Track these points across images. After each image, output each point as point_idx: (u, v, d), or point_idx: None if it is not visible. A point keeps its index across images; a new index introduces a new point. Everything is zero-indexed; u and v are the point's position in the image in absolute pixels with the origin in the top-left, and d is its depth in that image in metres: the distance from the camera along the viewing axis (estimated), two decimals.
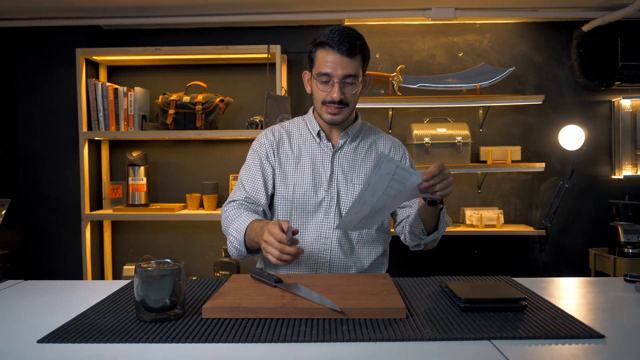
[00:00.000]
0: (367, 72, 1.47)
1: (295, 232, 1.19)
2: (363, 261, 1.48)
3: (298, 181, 1.46)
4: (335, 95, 1.37)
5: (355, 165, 1.49)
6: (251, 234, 1.31)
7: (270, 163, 1.49)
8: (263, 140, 1.52)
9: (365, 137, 1.54)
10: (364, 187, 1.07)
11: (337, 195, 1.45)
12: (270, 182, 1.48)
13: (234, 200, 1.46)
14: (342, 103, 1.39)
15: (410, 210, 1.50)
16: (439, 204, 1.31)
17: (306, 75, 1.49)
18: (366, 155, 1.51)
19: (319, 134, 1.50)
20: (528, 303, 1.05)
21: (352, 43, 1.35)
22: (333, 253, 1.44)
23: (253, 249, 1.37)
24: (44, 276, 2.96)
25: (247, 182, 1.48)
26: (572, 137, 2.81)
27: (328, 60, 1.36)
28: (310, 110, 1.54)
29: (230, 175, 2.92)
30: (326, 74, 1.37)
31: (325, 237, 1.44)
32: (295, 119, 1.59)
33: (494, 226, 2.80)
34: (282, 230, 1.16)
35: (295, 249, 1.15)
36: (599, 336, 0.88)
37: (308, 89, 1.49)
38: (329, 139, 1.50)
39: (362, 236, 1.48)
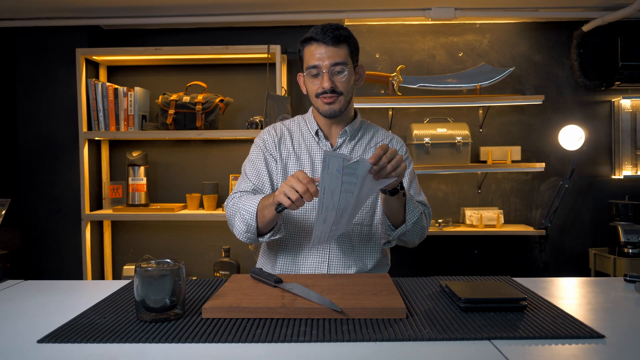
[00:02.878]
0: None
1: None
2: (365, 261, 1.47)
3: None
4: (326, 84, 1.37)
5: None
6: (265, 201, 1.30)
7: (274, 158, 1.49)
8: (265, 136, 1.52)
9: (364, 135, 1.54)
10: (320, 191, 1.07)
11: None
12: (274, 178, 1.48)
13: (240, 191, 1.46)
14: (334, 92, 1.39)
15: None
16: (399, 190, 1.29)
17: (300, 76, 1.49)
18: (364, 153, 1.50)
19: (317, 133, 1.49)
20: (528, 303, 1.05)
21: (335, 32, 1.37)
22: (332, 252, 1.44)
23: (263, 227, 1.34)
24: (44, 276, 2.96)
25: (253, 175, 1.47)
26: (572, 137, 2.81)
27: (315, 53, 1.38)
28: (310, 110, 1.54)
29: (230, 175, 2.92)
30: (314, 66, 1.38)
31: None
32: (296, 117, 1.59)
33: (494, 226, 2.80)
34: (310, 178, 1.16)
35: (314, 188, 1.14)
36: (599, 336, 0.88)
37: (304, 90, 1.49)
38: (327, 138, 1.50)
39: (362, 234, 1.47)
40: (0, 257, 2.72)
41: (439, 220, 2.81)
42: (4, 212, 1.52)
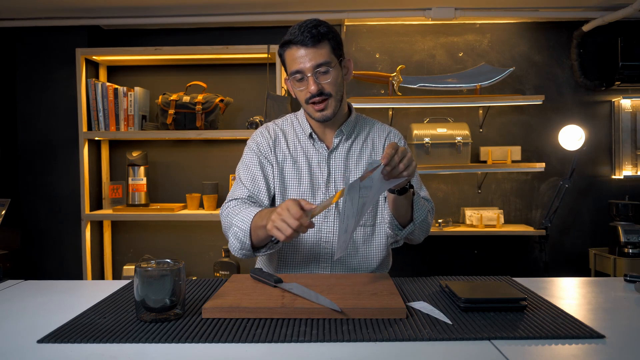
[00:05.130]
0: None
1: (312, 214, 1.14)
2: (370, 261, 1.43)
3: (295, 183, 1.42)
4: (312, 88, 1.31)
5: (352, 164, 1.44)
6: (258, 221, 1.24)
7: (269, 162, 1.43)
8: (259, 139, 1.45)
9: (361, 132, 1.48)
10: (343, 201, 1.07)
11: None
12: (271, 183, 1.42)
13: (235, 199, 1.40)
14: (323, 95, 1.33)
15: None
16: (408, 189, 1.26)
17: (288, 81, 1.41)
18: (362, 151, 1.46)
19: (310, 136, 1.44)
20: (528, 303, 1.05)
21: (313, 32, 1.30)
22: (335, 257, 1.41)
23: (258, 243, 1.29)
24: (44, 276, 2.96)
25: (248, 181, 1.41)
26: (572, 137, 2.81)
27: (296, 57, 1.32)
28: (302, 110, 1.47)
29: (230, 175, 2.92)
30: (298, 71, 1.32)
31: (325, 242, 1.39)
32: (288, 116, 1.52)
33: (494, 226, 2.80)
34: (301, 209, 1.12)
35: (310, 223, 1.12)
36: (599, 336, 0.88)
37: (294, 94, 1.41)
38: (322, 139, 1.45)
39: (366, 235, 1.43)
40: (0, 257, 2.72)
41: (439, 220, 2.81)
42: (4, 212, 1.52)
